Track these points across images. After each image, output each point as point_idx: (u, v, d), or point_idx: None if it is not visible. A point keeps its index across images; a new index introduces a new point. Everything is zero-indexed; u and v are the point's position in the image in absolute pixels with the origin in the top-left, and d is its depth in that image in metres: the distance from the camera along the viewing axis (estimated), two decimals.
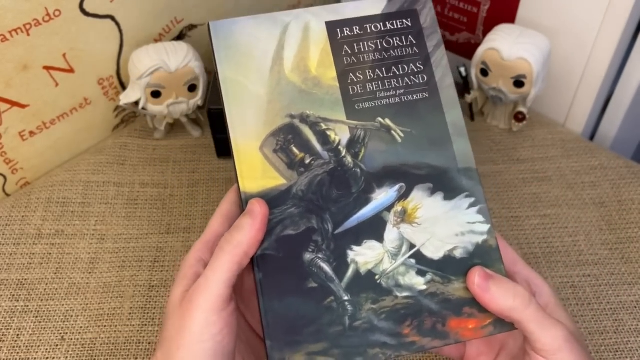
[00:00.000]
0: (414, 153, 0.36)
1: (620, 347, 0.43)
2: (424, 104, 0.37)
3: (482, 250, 0.34)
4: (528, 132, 0.59)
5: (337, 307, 0.33)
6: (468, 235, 0.35)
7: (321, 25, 0.37)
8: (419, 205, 0.35)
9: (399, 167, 0.36)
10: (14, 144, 0.53)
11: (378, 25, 0.38)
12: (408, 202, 0.35)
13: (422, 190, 0.35)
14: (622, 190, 0.53)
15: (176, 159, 0.57)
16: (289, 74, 0.37)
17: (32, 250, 0.49)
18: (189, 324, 0.30)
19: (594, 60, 0.55)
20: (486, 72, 0.56)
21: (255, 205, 0.32)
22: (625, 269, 0.48)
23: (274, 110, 0.36)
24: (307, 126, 0.36)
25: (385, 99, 0.37)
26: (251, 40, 0.37)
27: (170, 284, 0.47)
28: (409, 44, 0.38)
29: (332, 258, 0.34)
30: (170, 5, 0.57)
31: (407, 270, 0.34)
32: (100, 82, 0.56)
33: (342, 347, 0.33)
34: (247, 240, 0.31)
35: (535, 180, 0.55)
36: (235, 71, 0.36)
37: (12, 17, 0.47)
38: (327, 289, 0.33)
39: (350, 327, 0.33)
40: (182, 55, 0.54)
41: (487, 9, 0.59)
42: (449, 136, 0.36)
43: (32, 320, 0.45)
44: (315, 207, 0.35)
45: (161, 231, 0.51)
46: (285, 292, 0.33)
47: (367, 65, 0.37)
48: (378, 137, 0.36)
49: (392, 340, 0.33)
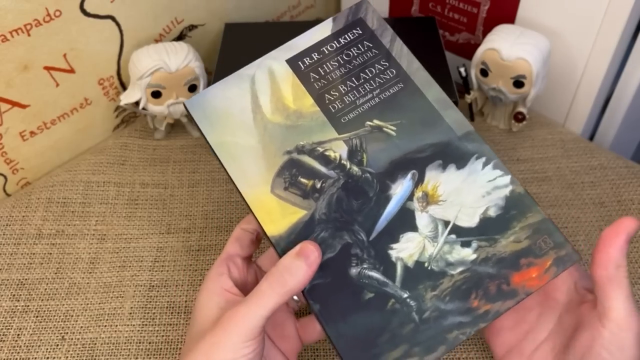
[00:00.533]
0: (412, 139, 0.37)
1: None
2: (402, 94, 0.38)
3: (514, 201, 0.35)
4: (528, 132, 0.59)
5: (401, 307, 0.34)
6: (494, 192, 0.35)
7: (283, 65, 0.39)
8: (437, 183, 0.36)
9: (404, 157, 0.37)
10: (15, 144, 0.53)
11: (333, 44, 0.40)
12: (426, 184, 0.36)
13: (434, 169, 0.36)
14: (621, 190, 0.53)
15: (176, 159, 0.57)
16: (271, 117, 0.38)
17: (32, 250, 0.49)
18: (223, 343, 0.31)
19: (594, 60, 0.55)
20: (486, 72, 0.56)
21: (311, 250, 0.33)
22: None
23: (270, 154, 0.37)
24: (305, 155, 0.37)
25: (366, 104, 0.38)
26: (226, 103, 0.39)
27: (171, 284, 0.47)
28: (367, 49, 0.40)
29: (377, 264, 0.34)
30: (170, 6, 0.58)
31: (451, 247, 0.35)
32: (100, 82, 0.56)
33: (421, 343, 0.33)
34: (298, 286, 0.32)
35: (535, 180, 0.55)
36: (222, 134, 0.38)
37: (13, 17, 0.47)
38: (385, 294, 0.34)
39: (422, 321, 0.33)
40: (183, 56, 0.54)
41: (486, 9, 0.60)
42: (437, 112, 0.37)
43: (33, 320, 0.45)
44: (342, 223, 0.35)
45: (161, 231, 0.51)
46: (346, 312, 0.34)
47: (338, 82, 0.39)
48: (374, 139, 0.37)
49: (466, 317, 0.33)
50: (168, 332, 0.44)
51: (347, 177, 0.37)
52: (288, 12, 0.70)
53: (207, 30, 0.62)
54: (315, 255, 0.33)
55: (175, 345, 0.44)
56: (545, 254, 0.34)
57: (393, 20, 0.65)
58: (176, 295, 0.47)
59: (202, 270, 0.48)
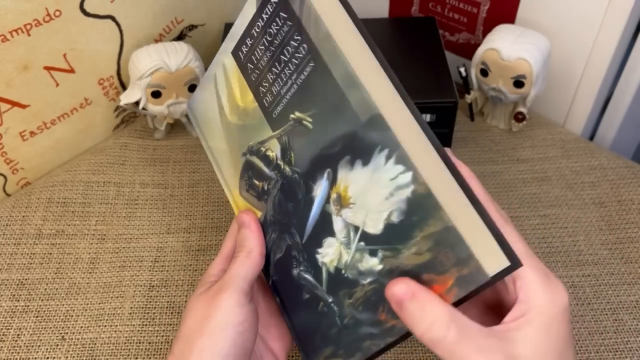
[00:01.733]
0: (325, 132, 0.32)
1: (620, 347, 0.43)
2: (314, 75, 0.32)
3: (416, 204, 0.28)
4: (528, 132, 0.59)
5: (328, 310, 0.33)
6: (396, 193, 0.29)
7: (230, 58, 0.37)
8: (347, 183, 0.31)
9: (320, 153, 0.32)
10: (15, 144, 0.53)
11: (259, 23, 0.34)
12: (338, 185, 0.31)
13: (344, 167, 0.31)
14: (621, 190, 0.53)
15: (176, 159, 0.57)
16: (230, 118, 0.37)
17: (32, 250, 0.49)
18: (215, 312, 0.32)
19: (594, 60, 0.55)
20: (486, 72, 0.56)
21: (243, 217, 0.37)
22: (624, 269, 0.48)
23: (235, 156, 0.37)
24: (254, 156, 0.36)
25: (288, 93, 0.33)
26: (204, 106, 0.38)
27: (171, 284, 0.47)
28: (283, 21, 0.33)
29: (309, 267, 0.34)
30: (170, 6, 0.57)
31: (362, 255, 0.31)
32: (100, 82, 0.56)
33: (343, 347, 0.33)
34: (253, 243, 0.36)
35: (535, 181, 0.55)
36: (208, 139, 0.38)
37: (13, 17, 0.47)
38: (316, 296, 0.34)
39: (343, 326, 0.33)
40: (182, 56, 0.54)
41: (487, 9, 0.59)
42: (342, 93, 0.30)
43: (33, 320, 0.45)
44: (282, 225, 0.35)
45: (161, 231, 0.51)
46: (295, 308, 0.35)
47: (266, 69, 0.34)
48: (297, 134, 0.33)
49: (376, 329, 0.31)
50: (168, 332, 0.44)
51: (283, 178, 0.34)
52: None
53: (207, 30, 0.62)
54: (249, 218, 0.36)
55: None
56: (446, 271, 0.27)
57: (393, 20, 0.65)
58: (176, 295, 0.47)
59: (202, 271, 0.48)
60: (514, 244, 0.27)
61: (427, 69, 0.56)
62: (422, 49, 0.59)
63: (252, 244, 0.35)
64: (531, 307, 0.28)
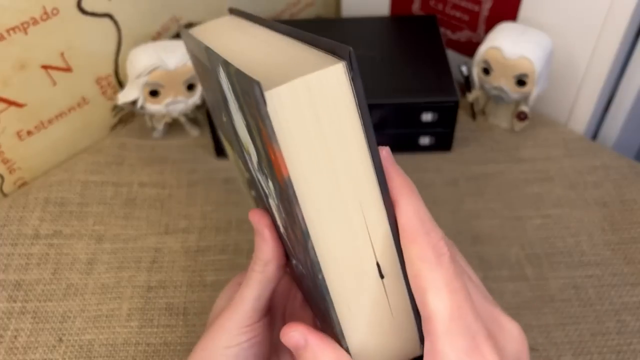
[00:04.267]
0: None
1: (623, 348, 0.43)
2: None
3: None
4: (530, 131, 0.59)
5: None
6: None
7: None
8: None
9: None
10: (12, 144, 0.52)
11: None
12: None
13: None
14: (624, 190, 0.53)
15: (175, 159, 0.57)
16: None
17: (29, 250, 0.49)
18: (219, 334, 0.32)
19: (597, 59, 0.54)
20: (488, 71, 0.55)
21: (255, 222, 0.32)
22: (627, 270, 0.47)
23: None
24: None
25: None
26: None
27: (169, 284, 0.47)
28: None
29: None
30: (168, 3, 0.57)
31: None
32: (98, 81, 0.56)
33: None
34: (268, 255, 0.31)
35: (537, 180, 0.54)
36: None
37: (10, 15, 0.47)
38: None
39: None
40: (181, 54, 0.53)
41: (488, 7, 0.59)
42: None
43: (30, 321, 0.44)
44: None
45: (159, 231, 0.51)
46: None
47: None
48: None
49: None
50: (166, 333, 0.44)
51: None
52: (288, 10, 0.69)
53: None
54: (261, 224, 0.31)
55: (173, 347, 0.43)
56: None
57: (394, 18, 0.65)
58: (174, 297, 0.46)
59: (200, 271, 0.48)
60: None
61: (428, 68, 0.56)
62: (423, 48, 0.59)
63: (267, 256, 0.31)
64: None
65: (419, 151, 0.57)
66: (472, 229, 0.50)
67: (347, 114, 0.24)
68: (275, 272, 0.32)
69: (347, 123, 0.24)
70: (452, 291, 0.25)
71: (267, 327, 0.33)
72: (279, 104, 0.23)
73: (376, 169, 0.25)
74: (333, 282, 0.26)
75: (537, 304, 0.45)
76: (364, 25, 0.62)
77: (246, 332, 0.32)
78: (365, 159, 0.25)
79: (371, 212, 0.26)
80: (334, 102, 0.24)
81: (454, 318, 0.24)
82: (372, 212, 0.26)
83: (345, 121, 0.24)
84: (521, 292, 0.46)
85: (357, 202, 0.25)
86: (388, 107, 0.54)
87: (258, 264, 0.32)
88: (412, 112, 0.54)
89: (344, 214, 0.25)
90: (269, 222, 0.31)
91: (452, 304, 0.24)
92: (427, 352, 0.25)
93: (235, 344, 0.31)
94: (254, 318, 0.32)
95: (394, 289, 0.27)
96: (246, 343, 0.31)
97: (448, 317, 0.24)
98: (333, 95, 0.24)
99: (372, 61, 0.57)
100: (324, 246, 0.25)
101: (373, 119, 0.55)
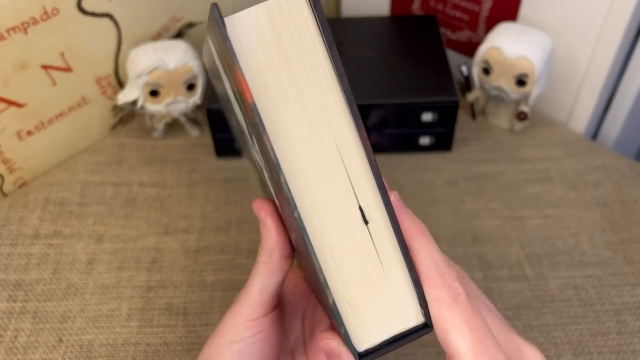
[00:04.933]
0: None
1: (623, 349, 0.43)
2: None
3: None
4: (530, 131, 0.59)
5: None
6: None
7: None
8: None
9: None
10: (12, 144, 0.52)
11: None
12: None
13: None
14: (624, 190, 0.53)
15: (175, 159, 0.57)
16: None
17: (29, 250, 0.49)
18: (225, 328, 0.32)
19: (597, 59, 0.54)
20: (488, 71, 0.55)
21: (259, 211, 0.31)
22: (627, 270, 0.47)
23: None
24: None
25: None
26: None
27: (169, 285, 0.47)
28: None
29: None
30: (168, 3, 0.57)
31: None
32: (98, 81, 0.56)
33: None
34: (272, 245, 0.31)
35: (537, 180, 0.54)
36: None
37: (10, 15, 0.47)
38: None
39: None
40: (181, 54, 0.53)
41: (488, 7, 0.59)
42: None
43: (30, 321, 0.44)
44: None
45: (159, 231, 0.51)
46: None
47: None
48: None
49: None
50: (166, 333, 0.44)
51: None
52: None
53: (206, 28, 0.62)
54: (264, 212, 0.30)
55: (173, 347, 0.43)
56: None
57: (394, 18, 0.64)
58: (174, 297, 0.46)
59: (200, 271, 0.48)
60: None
61: (428, 68, 0.56)
62: (423, 48, 0.58)
63: (271, 245, 0.31)
64: None
65: (419, 151, 0.57)
66: (472, 229, 0.50)
67: (310, 38, 0.24)
68: (279, 262, 0.31)
69: (312, 48, 0.24)
70: (473, 328, 0.26)
71: (275, 324, 0.33)
72: (240, 27, 0.24)
73: (346, 96, 0.24)
74: (312, 221, 0.25)
75: (537, 304, 0.45)
76: (364, 25, 0.62)
77: (251, 326, 0.31)
78: (332, 83, 0.24)
79: (346, 145, 0.25)
80: (295, 25, 0.24)
81: (477, 353, 0.25)
82: (347, 144, 0.25)
83: (309, 46, 0.24)
84: (521, 292, 0.46)
85: (329, 132, 0.25)
86: (388, 107, 0.54)
87: (262, 254, 0.31)
88: (412, 112, 0.54)
89: (317, 145, 0.25)
90: (271, 209, 0.31)
91: (474, 339, 0.25)
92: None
93: (239, 339, 0.31)
94: (259, 312, 0.31)
95: (383, 239, 0.26)
96: (250, 339, 0.31)
97: (472, 353, 0.25)
98: (295, 21, 0.24)
99: (372, 61, 0.57)
100: (299, 182, 0.24)
101: (373, 119, 0.55)
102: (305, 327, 0.36)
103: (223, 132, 0.55)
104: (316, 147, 0.25)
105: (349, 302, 0.26)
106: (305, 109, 0.24)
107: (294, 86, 0.24)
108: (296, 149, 0.24)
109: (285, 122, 0.24)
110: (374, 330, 0.26)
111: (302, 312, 0.36)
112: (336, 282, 0.26)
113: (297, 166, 0.24)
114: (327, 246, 0.25)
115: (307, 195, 0.25)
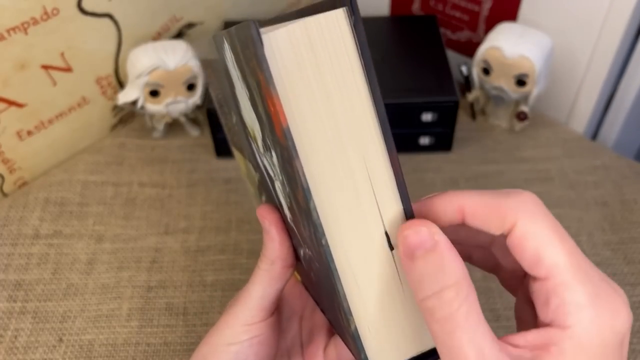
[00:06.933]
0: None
1: None
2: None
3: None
4: (530, 131, 0.59)
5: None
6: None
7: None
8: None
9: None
10: (12, 144, 0.52)
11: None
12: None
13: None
14: (624, 190, 0.53)
15: (175, 159, 0.57)
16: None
17: (29, 250, 0.49)
18: (223, 330, 0.31)
19: (596, 59, 0.54)
20: (488, 71, 0.55)
21: (263, 220, 0.31)
22: (627, 270, 0.47)
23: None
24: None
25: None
26: None
27: (169, 285, 0.47)
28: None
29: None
30: (168, 3, 0.57)
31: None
32: (98, 81, 0.56)
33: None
34: (274, 254, 0.31)
35: (537, 180, 0.54)
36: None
37: (10, 15, 0.47)
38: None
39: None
40: (181, 54, 0.53)
41: (488, 7, 0.59)
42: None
43: (30, 321, 0.44)
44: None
45: (159, 231, 0.51)
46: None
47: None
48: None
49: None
50: (166, 333, 0.44)
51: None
52: (288, 10, 0.69)
53: (206, 28, 0.62)
54: (268, 221, 0.30)
55: (173, 347, 0.43)
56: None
57: (394, 18, 0.64)
58: (174, 297, 0.46)
59: (200, 271, 0.48)
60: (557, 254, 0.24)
61: (428, 68, 0.56)
62: (423, 48, 0.59)
63: (274, 255, 0.30)
64: (566, 335, 0.22)
65: (419, 151, 0.57)
66: None
67: (349, 60, 0.23)
68: (281, 271, 0.31)
69: (349, 70, 0.23)
70: (563, 239, 0.24)
71: (273, 328, 0.32)
72: (276, 47, 0.22)
73: (380, 122, 0.23)
74: (337, 248, 0.24)
75: None
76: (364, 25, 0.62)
77: (249, 330, 0.31)
78: (367, 109, 0.23)
79: (376, 169, 0.24)
80: (334, 47, 0.23)
81: (574, 265, 0.23)
82: (377, 168, 0.24)
83: (346, 68, 0.23)
84: None
85: (360, 156, 0.24)
86: (388, 107, 0.53)
87: (265, 262, 0.31)
88: (412, 112, 0.54)
89: (347, 169, 0.24)
90: (276, 218, 0.30)
91: (567, 251, 0.24)
92: (556, 307, 0.23)
93: (237, 342, 0.31)
94: (258, 317, 0.31)
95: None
96: (247, 342, 0.31)
97: (570, 266, 0.23)
98: (333, 41, 0.22)
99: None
100: (326, 207, 0.23)
101: None
102: (303, 328, 0.36)
103: (223, 132, 0.55)
104: (346, 171, 0.24)
105: (369, 327, 0.25)
106: (338, 133, 0.23)
107: (328, 110, 0.23)
108: (325, 173, 0.23)
109: (316, 146, 0.23)
110: (391, 354, 0.26)
111: (301, 312, 0.36)
112: (357, 307, 0.25)
113: (325, 191, 0.24)
114: (351, 272, 0.25)
115: (334, 221, 0.24)
